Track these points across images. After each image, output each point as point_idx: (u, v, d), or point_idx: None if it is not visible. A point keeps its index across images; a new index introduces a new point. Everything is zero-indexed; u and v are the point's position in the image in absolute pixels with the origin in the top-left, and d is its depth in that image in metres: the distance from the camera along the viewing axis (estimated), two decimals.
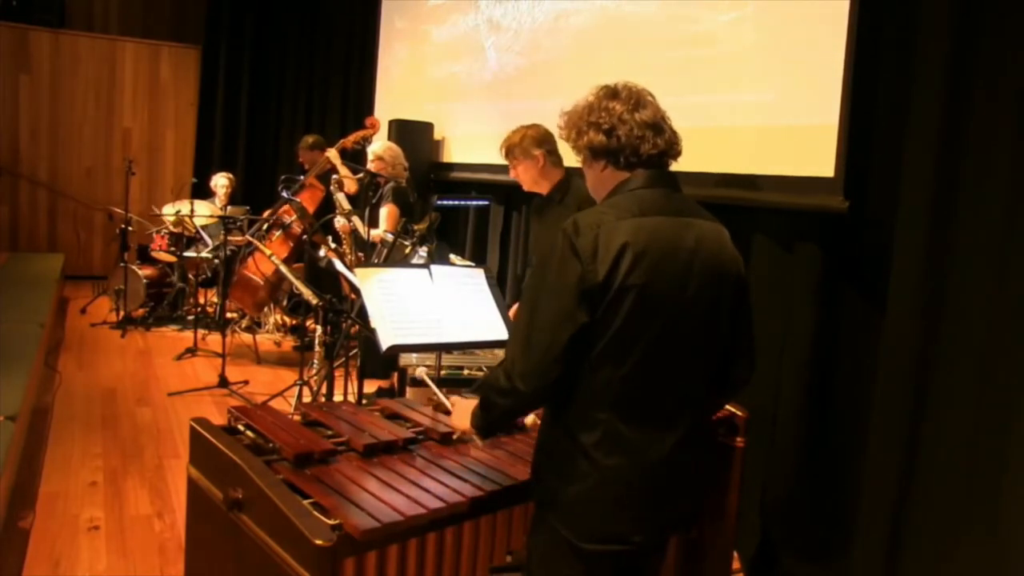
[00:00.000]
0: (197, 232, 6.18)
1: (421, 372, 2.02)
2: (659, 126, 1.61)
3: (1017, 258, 2.20)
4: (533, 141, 3.07)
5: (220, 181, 6.71)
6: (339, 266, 3.66)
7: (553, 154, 3.09)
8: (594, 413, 1.52)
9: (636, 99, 1.62)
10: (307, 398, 4.31)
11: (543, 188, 3.16)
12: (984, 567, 2.23)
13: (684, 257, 1.53)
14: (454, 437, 1.98)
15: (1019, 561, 2.12)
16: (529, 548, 1.69)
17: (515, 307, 3.47)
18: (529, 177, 3.15)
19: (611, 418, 1.51)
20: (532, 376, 1.49)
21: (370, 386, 4.07)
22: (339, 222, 4.38)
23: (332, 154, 5.06)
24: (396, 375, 3.84)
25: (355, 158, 5.22)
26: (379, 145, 4.76)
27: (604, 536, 1.55)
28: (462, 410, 1.72)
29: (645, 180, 1.59)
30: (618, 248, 1.47)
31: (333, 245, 4.21)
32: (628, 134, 1.58)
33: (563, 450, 1.56)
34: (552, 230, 2.99)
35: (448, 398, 1.89)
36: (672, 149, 1.63)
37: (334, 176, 4.81)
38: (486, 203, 5.26)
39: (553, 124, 1.85)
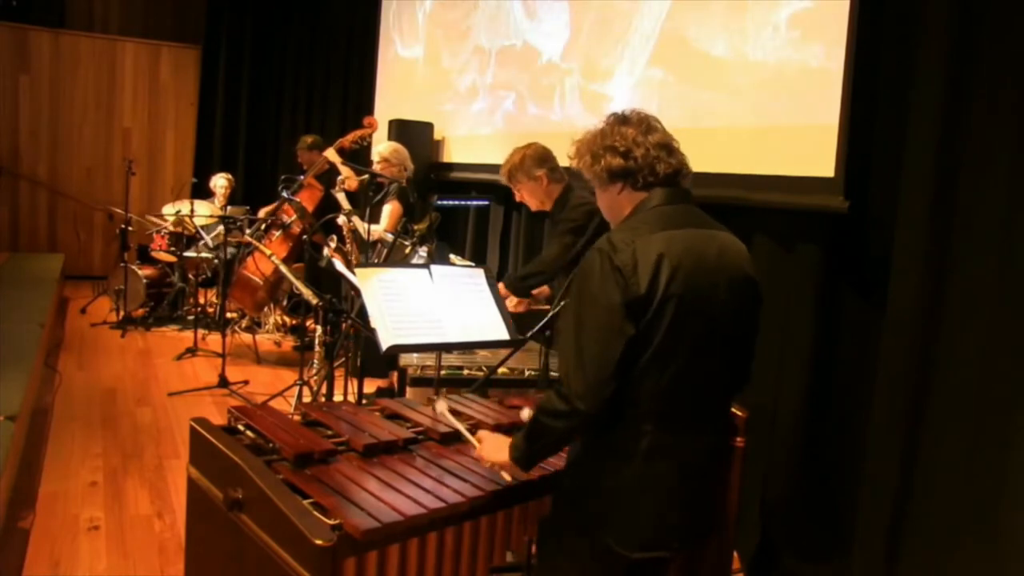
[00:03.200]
0: (197, 232, 6.18)
1: (442, 408, 1.95)
2: (670, 147, 1.67)
3: (1017, 258, 2.20)
4: (534, 162, 3.06)
5: (219, 182, 6.72)
6: (339, 266, 3.66)
7: (555, 171, 3.09)
8: (640, 424, 1.55)
9: (647, 124, 1.67)
10: (307, 398, 4.31)
11: (548, 206, 3.15)
12: (984, 567, 2.23)
13: (713, 267, 1.58)
14: (488, 467, 1.82)
15: (1019, 561, 2.12)
16: (551, 552, 1.71)
17: (502, 287, 3.49)
18: (536, 199, 3.15)
19: (656, 426, 1.55)
20: (590, 395, 1.49)
21: (370, 386, 4.07)
22: (340, 221, 4.37)
23: (330, 154, 5.06)
24: (396, 375, 3.85)
25: (354, 158, 5.22)
26: (385, 147, 4.75)
27: (652, 543, 1.58)
28: (494, 444, 1.73)
29: (665, 198, 1.63)
30: (655, 259, 1.50)
31: (336, 244, 4.21)
32: (644, 155, 1.62)
33: (609, 465, 1.59)
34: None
35: (474, 434, 1.83)
36: (684, 168, 1.68)
37: (338, 177, 4.81)
38: (486, 203, 5.26)
39: (552, 124, 1.86)
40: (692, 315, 1.53)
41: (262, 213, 5.98)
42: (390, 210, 4.47)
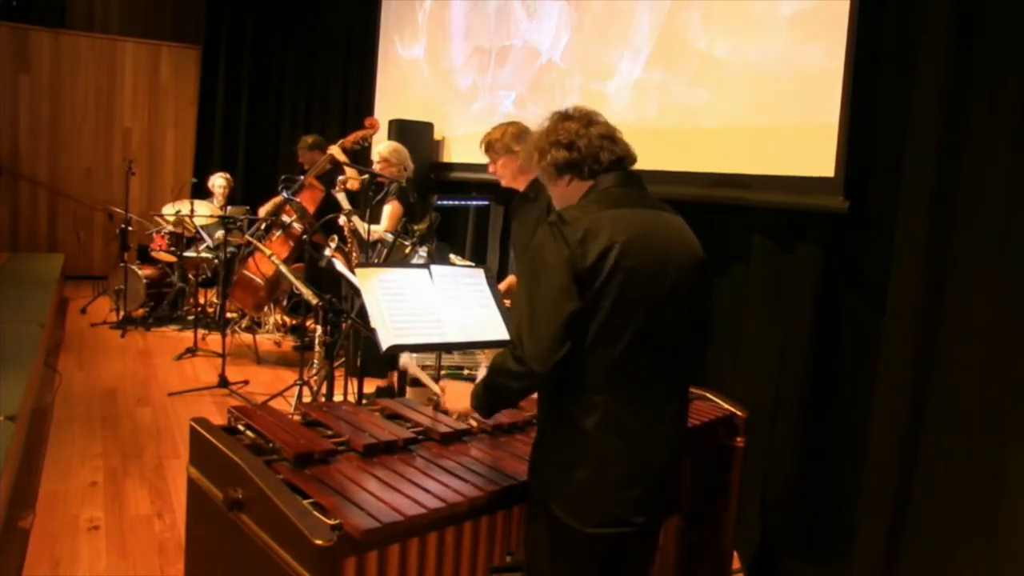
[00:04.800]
0: (197, 232, 6.18)
1: (406, 359, 2.07)
2: (613, 137, 1.75)
3: (1017, 258, 2.20)
4: (513, 138, 3.09)
5: (218, 182, 6.72)
6: (339, 266, 3.66)
7: None
8: (591, 397, 1.59)
9: (588, 118, 1.75)
10: (307, 398, 4.31)
11: (520, 184, 3.18)
12: (984, 567, 2.23)
13: (662, 243, 1.65)
14: (454, 417, 2.02)
15: (1019, 561, 2.12)
16: (528, 539, 1.73)
17: (507, 281, 3.51)
18: (508, 173, 3.18)
19: (608, 400, 1.59)
20: (543, 356, 1.55)
21: (370, 386, 4.07)
22: (341, 221, 4.38)
23: (335, 150, 5.05)
24: (396, 375, 3.85)
25: (355, 158, 5.22)
26: (385, 146, 4.75)
27: (606, 519, 1.61)
28: (457, 392, 1.83)
29: (614, 180, 1.71)
30: (606, 235, 1.57)
31: (336, 244, 4.20)
32: (587, 145, 1.71)
33: (562, 437, 1.63)
34: (527, 227, 3.01)
35: (438, 383, 1.98)
36: (629, 156, 1.76)
37: (340, 177, 4.81)
38: (486, 203, 5.26)
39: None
40: (641, 287, 1.58)
41: (262, 211, 5.98)
42: (390, 210, 4.47)
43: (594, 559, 1.65)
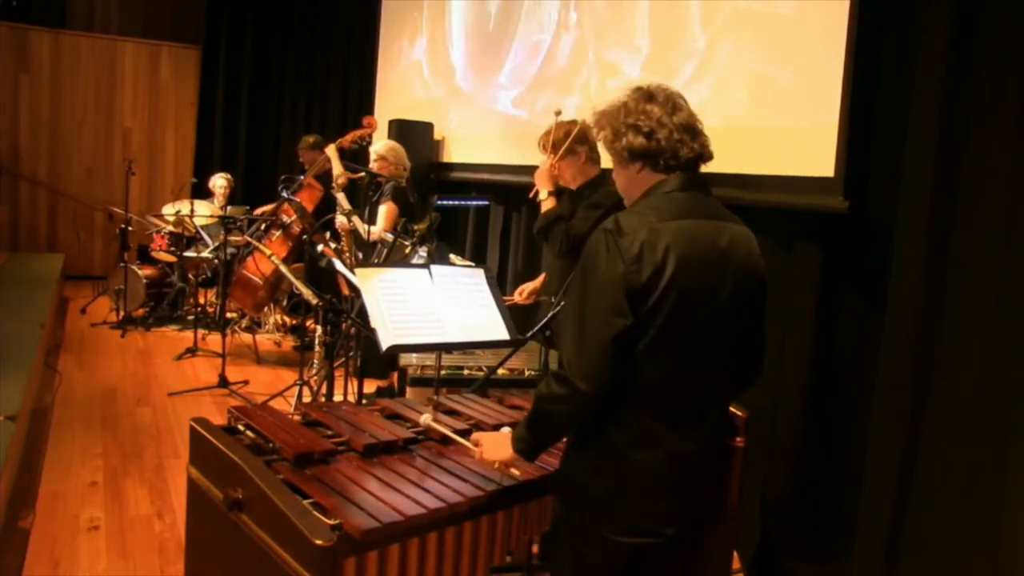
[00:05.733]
0: (197, 232, 6.18)
1: (427, 420, 1.98)
2: (695, 129, 1.62)
3: (1017, 258, 2.20)
4: (577, 139, 3.07)
5: (218, 182, 6.72)
6: (339, 266, 3.66)
7: (593, 151, 3.11)
8: (630, 412, 1.55)
9: (673, 103, 1.62)
10: (307, 398, 4.31)
11: (575, 184, 3.16)
12: (984, 567, 2.23)
13: (720, 260, 1.56)
14: (495, 470, 1.79)
15: (1020, 561, 2.12)
16: (554, 548, 1.71)
17: (539, 279, 3.48)
18: (569, 173, 3.15)
19: (647, 416, 1.55)
20: (591, 374, 1.49)
21: (370, 386, 4.07)
22: (339, 221, 4.37)
23: (331, 150, 5.05)
24: (396, 375, 3.84)
25: (353, 158, 5.22)
26: (382, 144, 4.75)
27: (637, 529, 1.58)
28: (495, 441, 1.72)
29: (680, 183, 1.60)
30: (663, 250, 1.49)
31: (332, 244, 4.21)
32: (668, 137, 1.58)
33: (597, 448, 1.59)
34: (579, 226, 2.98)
35: (468, 439, 1.82)
36: (706, 152, 1.64)
37: (335, 174, 4.81)
38: (486, 203, 5.26)
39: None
40: (693, 308, 1.52)
41: (259, 212, 5.98)
42: (385, 211, 4.47)
43: (622, 568, 1.62)
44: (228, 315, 5.91)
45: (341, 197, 4.45)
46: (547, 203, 3.18)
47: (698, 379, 1.58)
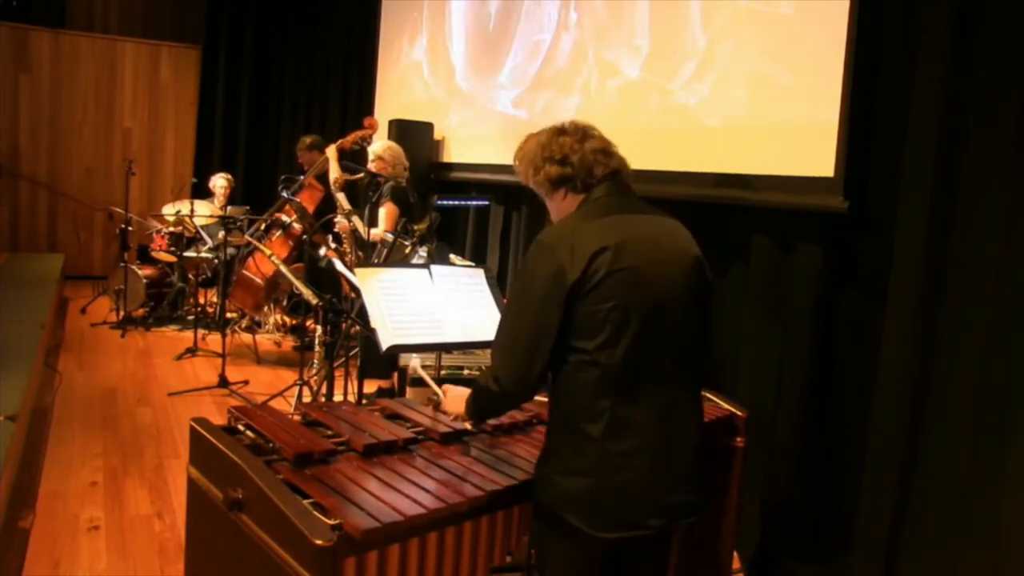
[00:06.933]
0: (197, 232, 6.18)
1: (415, 364, 2.11)
2: (607, 151, 1.75)
3: (1017, 258, 2.20)
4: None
5: (219, 182, 6.72)
6: (339, 266, 3.66)
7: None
8: (597, 403, 1.59)
9: (583, 132, 1.76)
10: (307, 398, 4.31)
11: None
12: (984, 567, 2.23)
13: (655, 244, 1.66)
14: (450, 419, 2.06)
15: (1020, 561, 2.12)
16: (539, 551, 1.73)
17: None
18: None
19: (613, 405, 1.58)
20: (517, 379, 1.63)
21: (370, 386, 4.07)
22: (339, 222, 4.38)
23: (330, 151, 5.05)
24: (396, 375, 3.85)
25: (354, 158, 5.22)
26: (379, 145, 4.75)
27: (622, 523, 1.60)
28: (455, 397, 1.89)
29: (606, 189, 1.72)
30: (594, 243, 1.58)
31: (333, 245, 4.21)
32: (581, 160, 1.72)
33: (572, 445, 1.62)
34: None
35: (441, 387, 2.04)
36: (623, 168, 1.76)
37: (332, 176, 4.81)
38: (486, 203, 5.26)
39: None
40: (637, 288, 1.59)
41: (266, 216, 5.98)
42: (386, 212, 4.47)
43: (609, 563, 1.65)
44: (228, 315, 5.91)
45: (341, 197, 4.45)
46: None
47: (655, 364, 1.62)
